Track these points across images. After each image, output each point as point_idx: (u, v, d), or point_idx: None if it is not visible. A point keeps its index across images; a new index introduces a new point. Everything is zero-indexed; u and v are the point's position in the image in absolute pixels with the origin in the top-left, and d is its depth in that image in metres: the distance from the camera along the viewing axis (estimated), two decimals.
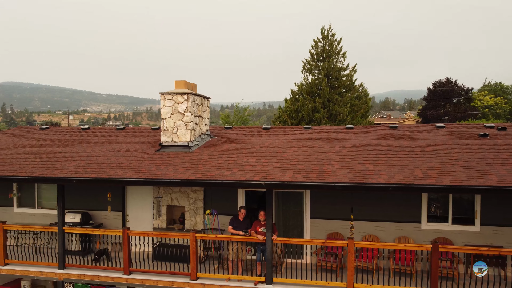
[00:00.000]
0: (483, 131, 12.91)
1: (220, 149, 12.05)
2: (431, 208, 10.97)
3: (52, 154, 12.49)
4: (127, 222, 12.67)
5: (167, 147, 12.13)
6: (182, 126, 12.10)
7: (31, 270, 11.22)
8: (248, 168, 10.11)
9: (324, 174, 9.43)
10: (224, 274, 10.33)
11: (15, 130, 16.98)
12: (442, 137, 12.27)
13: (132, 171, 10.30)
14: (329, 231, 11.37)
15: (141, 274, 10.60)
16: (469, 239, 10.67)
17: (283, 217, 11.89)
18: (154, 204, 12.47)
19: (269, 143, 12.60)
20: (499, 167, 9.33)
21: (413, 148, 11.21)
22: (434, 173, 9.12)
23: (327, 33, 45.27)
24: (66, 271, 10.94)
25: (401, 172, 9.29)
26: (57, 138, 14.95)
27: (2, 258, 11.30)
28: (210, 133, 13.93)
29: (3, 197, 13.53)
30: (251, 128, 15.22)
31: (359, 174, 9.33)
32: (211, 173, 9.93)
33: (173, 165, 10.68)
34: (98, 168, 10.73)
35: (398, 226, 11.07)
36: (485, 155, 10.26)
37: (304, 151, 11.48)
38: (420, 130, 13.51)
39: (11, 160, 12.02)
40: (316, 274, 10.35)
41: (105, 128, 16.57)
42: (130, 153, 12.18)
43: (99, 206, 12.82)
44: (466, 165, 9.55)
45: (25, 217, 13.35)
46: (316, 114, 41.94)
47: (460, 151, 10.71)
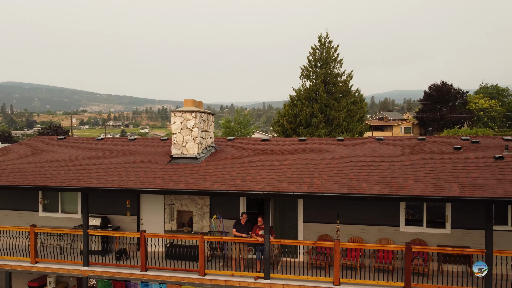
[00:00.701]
0: (459, 144, 14.50)
1: (224, 161, 13.63)
2: (408, 214, 12.54)
3: (75, 165, 14.06)
4: (142, 225, 14.24)
5: (177, 158, 13.70)
6: (191, 140, 13.68)
7: (58, 267, 12.78)
8: (249, 179, 11.69)
9: (314, 185, 11.01)
10: (228, 270, 11.90)
11: (35, 140, 18.53)
12: (421, 150, 13.86)
13: (149, 182, 11.88)
14: (319, 233, 12.95)
15: (156, 271, 12.17)
16: (441, 240, 12.25)
17: (280, 221, 13.46)
18: (166, 210, 14.04)
19: (268, 155, 14.18)
20: (463, 179, 10.90)
21: (393, 160, 12.79)
22: (407, 185, 10.70)
23: (324, 40, 46.92)
24: (90, 268, 12.51)
25: (379, 184, 10.87)
26: (76, 149, 16.52)
27: (33, 257, 12.87)
28: (215, 145, 15.49)
29: (30, 203, 15.10)
30: (251, 140, 16.80)
31: (344, 185, 10.91)
32: (217, 183, 11.51)
33: (184, 176, 12.26)
34: (119, 179, 12.31)
35: (380, 229, 12.65)
36: (454, 168, 11.84)
37: (298, 163, 13.06)
38: (403, 142, 15.08)
39: (39, 170, 13.60)
40: (308, 271, 11.92)
41: (118, 139, 18.15)
42: (144, 164, 13.75)
43: (116, 211, 14.38)
44: (436, 177, 11.13)
45: (49, 220, 14.91)
46: (313, 119, 43.58)
47: (434, 164, 12.30)
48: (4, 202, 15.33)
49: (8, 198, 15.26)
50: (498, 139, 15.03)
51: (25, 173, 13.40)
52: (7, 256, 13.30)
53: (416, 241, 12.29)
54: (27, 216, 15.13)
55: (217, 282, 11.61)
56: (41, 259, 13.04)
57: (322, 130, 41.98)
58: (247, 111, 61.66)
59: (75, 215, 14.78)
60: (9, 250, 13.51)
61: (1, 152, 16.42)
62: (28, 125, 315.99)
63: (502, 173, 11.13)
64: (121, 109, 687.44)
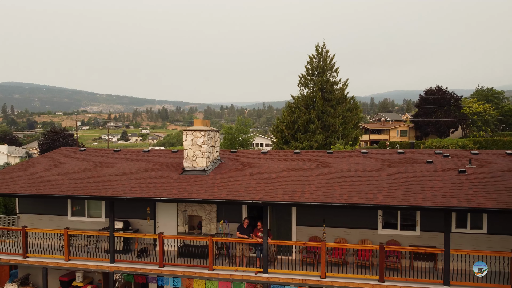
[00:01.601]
0: (432, 157, 16.75)
1: (229, 173, 15.89)
2: (382, 218, 14.78)
3: (100, 176, 16.32)
4: (157, 228, 16.49)
5: (188, 171, 15.96)
6: (200, 155, 15.94)
7: (88, 264, 15.04)
8: (250, 190, 13.95)
9: (304, 195, 13.27)
10: (233, 266, 14.15)
11: (59, 151, 20.79)
12: (398, 163, 16.10)
13: (166, 192, 14.14)
14: (310, 235, 15.20)
15: (172, 266, 14.42)
16: (412, 241, 14.50)
17: (276, 225, 15.71)
18: (178, 214, 16.30)
19: (266, 167, 16.43)
20: (428, 190, 13.16)
21: (373, 173, 15.05)
22: (381, 195, 12.95)
23: (321, 49, 49.29)
24: (115, 264, 14.77)
25: (358, 194, 13.13)
26: (97, 160, 18.79)
27: (67, 255, 15.13)
28: (220, 157, 17.74)
29: (59, 208, 17.33)
30: (252, 152, 19.06)
31: (328, 195, 13.17)
32: (223, 193, 13.77)
33: (195, 186, 14.52)
34: (140, 189, 14.56)
35: (361, 232, 14.90)
36: (423, 180, 14.09)
37: (292, 175, 15.32)
38: (384, 156, 17.33)
39: (70, 181, 15.85)
40: (300, 267, 14.16)
41: (133, 151, 20.41)
42: (160, 175, 16.01)
43: (136, 216, 16.63)
44: (405, 189, 13.38)
45: (76, 224, 17.16)
46: (311, 125, 45.94)
47: (406, 176, 14.55)
48: (37, 207, 17.58)
49: (40, 204, 17.51)
50: (467, 153, 17.30)
51: (58, 183, 15.66)
52: (43, 254, 15.57)
53: (391, 242, 14.54)
54: (57, 220, 17.38)
55: (224, 276, 13.86)
56: (73, 257, 15.30)
57: (319, 136, 44.31)
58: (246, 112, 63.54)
59: (99, 219, 17.04)
60: (43, 249, 15.78)
61: (32, 163, 18.68)
62: (29, 125, 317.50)
63: (460, 185, 13.39)
64: (121, 109, 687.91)
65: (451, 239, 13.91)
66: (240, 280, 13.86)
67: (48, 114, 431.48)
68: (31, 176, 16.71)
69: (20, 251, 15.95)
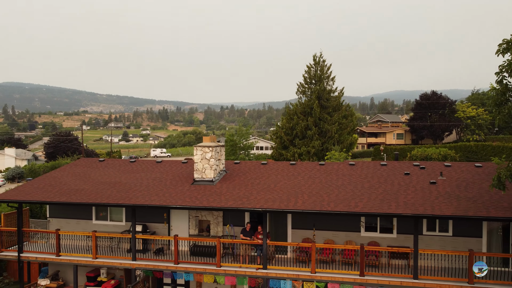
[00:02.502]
0: (410, 169, 19.24)
1: (233, 183, 18.39)
2: (364, 223, 17.27)
3: (121, 185, 18.82)
4: (171, 230, 18.99)
5: (198, 181, 18.47)
6: (208, 168, 18.44)
7: (113, 261, 17.55)
8: (252, 199, 16.45)
9: (297, 204, 15.77)
10: (237, 263, 16.65)
11: (81, 162, 23.30)
12: (379, 175, 18.60)
13: (181, 200, 16.64)
14: (303, 237, 17.70)
15: (185, 264, 16.92)
16: (390, 242, 16.99)
17: (274, 228, 18.21)
18: (190, 219, 18.80)
19: (265, 178, 18.93)
20: (401, 199, 15.65)
21: (357, 184, 17.55)
22: (361, 204, 15.45)
23: (319, 59, 51.85)
24: (136, 262, 17.27)
25: (343, 203, 15.63)
26: (116, 170, 21.28)
27: (94, 254, 17.63)
28: (225, 168, 20.23)
29: (85, 213, 19.82)
30: (253, 163, 21.57)
31: (318, 203, 15.67)
32: (229, 202, 16.28)
33: (205, 196, 17.02)
34: (158, 197, 17.08)
35: (347, 234, 17.40)
36: (398, 190, 16.59)
37: (288, 185, 17.82)
38: (369, 167, 19.83)
39: (96, 190, 18.36)
40: (294, 264, 16.64)
41: (147, 161, 22.90)
42: (174, 185, 18.52)
43: (153, 220, 19.13)
44: (383, 198, 15.88)
45: (100, 227, 19.66)
46: (308, 132, 48.52)
47: (385, 187, 17.05)
48: (65, 212, 20.08)
49: (68, 210, 20.02)
50: (441, 165, 19.80)
51: (86, 192, 18.18)
52: (73, 253, 18.08)
53: (372, 243, 17.04)
54: (83, 223, 19.89)
55: (229, 272, 16.37)
56: (99, 255, 17.81)
57: (316, 142, 46.86)
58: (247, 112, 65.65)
59: (120, 223, 19.55)
60: (72, 249, 18.30)
61: (60, 173, 21.19)
62: (29, 126, 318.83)
63: (429, 195, 15.89)
64: (122, 109, 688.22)
65: (423, 240, 16.47)
66: (243, 275, 16.37)
67: (49, 115, 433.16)
68: (61, 185, 19.22)
69: (50, 250, 18.47)
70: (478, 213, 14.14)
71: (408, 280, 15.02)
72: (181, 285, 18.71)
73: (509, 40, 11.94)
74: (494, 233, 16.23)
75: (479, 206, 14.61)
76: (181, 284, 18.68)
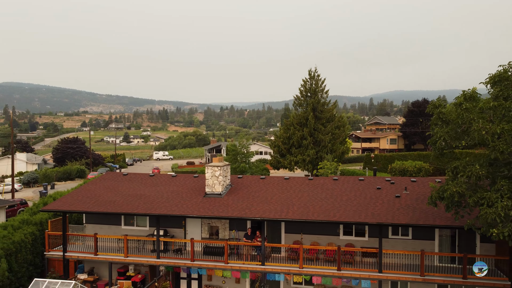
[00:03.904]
0: (382, 184, 23.49)
1: (237, 196, 22.65)
2: (342, 228, 21.53)
3: (145, 198, 23.09)
4: (187, 234, 23.25)
5: (209, 194, 22.73)
6: (217, 183, 22.70)
7: (141, 259, 21.81)
8: (253, 209, 20.72)
9: (289, 214, 20.04)
10: (241, 261, 20.91)
11: (108, 175, 27.55)
12: (357, 189, 22.86)
13: (196, 211, 20.91)
14: (294, 239, 21.96)
15: (199, 261, 21.18)
16: (363, 244, 21.25)
17: (270, 232, 22.46)
18: (202, 225, 23.08)
19: (264, 191, 23.20)
20: (370, 210, 19.92)
21: (337, 197, 21.82)
22: (338, 214, 19.72)
23: (314, 73, 56.16)
24: (160, 260, 21.53)
25: (324, 213, 19.90)
26: (139, 184, 25.53)
27: (126, 253, 21.89)
28: (231, 183, 24.49)
29: (115, 220, 24.06)
30: (253, 177, 25.83)
31: (305, 213, 19.94)
32: (235, 212, 20.54)
33: (215, 207, 21.29)
34: (177, 208, 21.34)
35: (329, 237, 21.67)
36: (369, 202, 20.86)
37: (282, 198, 22.09)
38: (349, 182, 24.09)
39: (127, 202, 22.61)
40: (286, 261, 20.90)
41: (164, 175, 27.15)
42: (189, 197, 22.78)
43: (172, 225, 23.38)
44: (356, 209, 20.15)
45: (128, 231, 23.89)
46: (304, 141, 52.85)
47: (360, 200, 21.31)
48: (99, 219, 24.33)
49: (101, 217, 24.25)
50: (408, 180, 24.06)
51: (118, 203, 22.44)
52: (107, 252, 22.33)
53: (349, 244, 21.31)
54: (114, 228, 24.15)
55: (235, 267, 20.65)
56: (129, 254, 22.07)
57: (311, 151, 51.13)
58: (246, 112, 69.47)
59: (144, 228, 23.80)
60: (105, 249, 22.54)
61: (92, 186, 25.44)
62: (31, 126, 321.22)
63: (393, 207, 20.17)
64: (121, 109, 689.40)
65: (389, 243, 20.76)
66: (246, 270, 20.65)
67: (49, 115, 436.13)
68: (96, 197, 23.49)
69: (88, 250, 22.72)
70: (427, 222, 18.44)
71: (374, 273, 19.32)
72: (194, 278, 22.97)
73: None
74: (444, 237, 20.51)
75: (428, 217, 18.90)
76: (195, 278, 22.93)
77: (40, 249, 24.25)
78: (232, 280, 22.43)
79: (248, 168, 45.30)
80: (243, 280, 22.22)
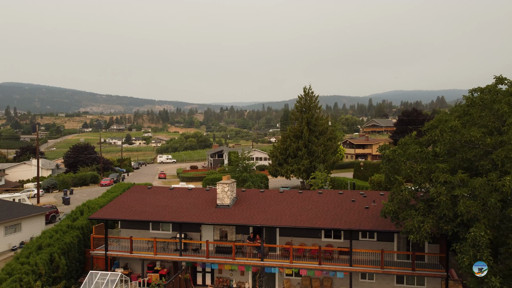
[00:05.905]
0: (356, 197, 29.63)
1: (241, 207, 28.79)
2: (323, 232, 27.65)
3: (170, 208, 29.22)
4: (202, 237, 29.37)
5: (219, 205, 28.88)
6: (226, 197, 28.85)
7: (167, 257, 27.94)
8: (254, 218, 26.85)
9: (282, 221, 26.19)
10: (245, 258, 27.04)
11: (135, 189, 33.70)
12: (336, 201, 28.99)
13: (210, 219, 27.05)
14: (286, 241, 28.09)
15: (212, 258, 27.31)
16: (340, 244, 27.37)
17: (268, 235, 28.59)
18: (214, 230, 29.21)
19: (263, 203, 29.34)
20: (344, 219, 26.03)
21: (320, 208, 27.96)
22: (319, 221, 25.86)
23: (308, 91, 62.35)
24: (182, 257, 27.66)
25: (309, 221, 26.03)
26: (162, 196, 31.67)
27: (155, 251, 28.01)
28: (236, 195, 30.60)
29: (144, 226, 30.18)
30: (254, 190, 32.00)
31: (294, 221, 26.08)
32: (240, 220, 26.68)
33: (225, 216, 27.42)
34: (196, 217, 27.48)
35: (313, 240, 27.80)
36: (344, 213, 26.98)
37: (277, 208, 28.23)
38: (331, 195, 30.24)
39: (156, 211, 28.74)
40: (280, 258, 27.01)
41: (182, 189, 33.28)
42: (204, 208, 28.92)
43: (190, 230, 29.50)
44: (333, 218, 26.27)
45: (154, 234, 30.01)
46: (299, 152, 59.05)
47: (337, 211, 27.43)
48: (131, 225, 30.46)
49: (133, 223, 30.37)
50: (377, 194, 30.22)
51: (148, 213, 28.57)
52: (140, 251, 28.47)
53: (329, 245, 27.43)
54: (143, 232, 30.28)
55: (240, 263, 26.80)
56: (158, 252, 28.21)
57: (305, 161, 57.28)
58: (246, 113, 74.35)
59: (168, 232, 29.94)
60: (137, 249, 28.66)
61: (125, 198, 31.57)
62: (32, 128, 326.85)
63: (361, 216, 26.30)
64: (122, 110, 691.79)
65: (359, 243, 26.92)
66: (249, 265, 26.80)
67: (50, 116, 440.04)
68: (129, 208, 29.62)
69: (125, 249, 28.84)
70: (385, 228, 24.59)
71: (347, 267, 25.49)
72: (208, 271, 29.10)
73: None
74: (401, 239, 26.65)
75: (386, 224, 25.04)
76: (209, 271, 29.06)
77: (82, 249, 30.40)
78: (238, 272, 28.54)
79: (249, 177, 51.34)
80: (246, 273, 28.34)
